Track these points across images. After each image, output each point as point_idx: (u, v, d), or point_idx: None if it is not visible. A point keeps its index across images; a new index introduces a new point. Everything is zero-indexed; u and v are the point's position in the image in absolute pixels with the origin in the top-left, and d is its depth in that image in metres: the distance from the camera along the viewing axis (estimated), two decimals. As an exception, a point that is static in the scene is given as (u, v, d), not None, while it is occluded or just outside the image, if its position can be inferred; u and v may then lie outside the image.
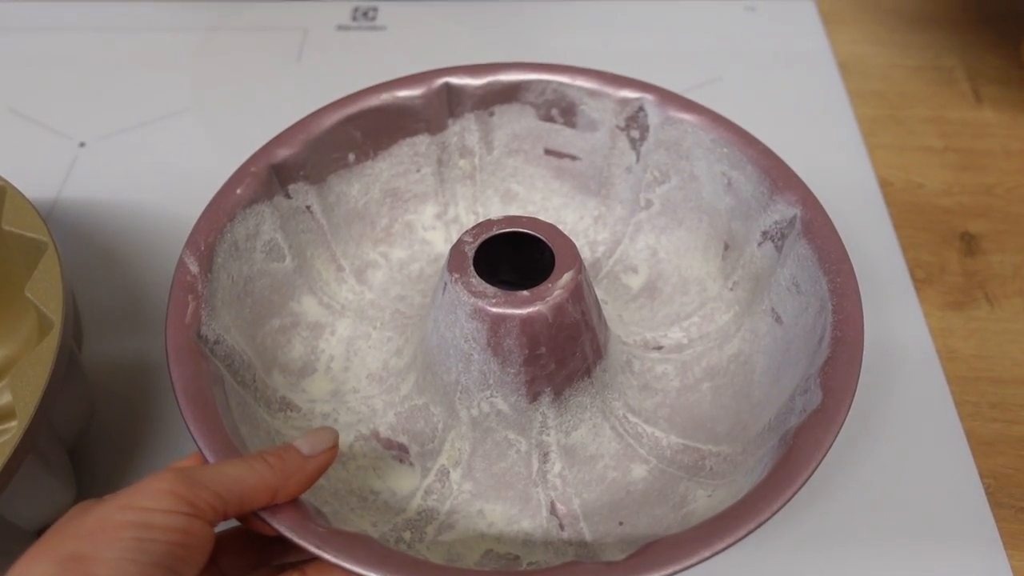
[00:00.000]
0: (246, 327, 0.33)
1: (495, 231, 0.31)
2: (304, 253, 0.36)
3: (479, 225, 0.31)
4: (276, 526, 0.25)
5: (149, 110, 0.48)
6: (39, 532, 0.31)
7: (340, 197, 0.37)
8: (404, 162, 0.38)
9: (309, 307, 0.36)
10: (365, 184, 0.38)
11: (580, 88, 0.37)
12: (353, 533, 0.25)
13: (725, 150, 0.35)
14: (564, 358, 0.30)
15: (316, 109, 0.35)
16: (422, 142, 0.38)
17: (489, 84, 0.37)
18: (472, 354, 0.30)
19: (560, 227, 0.32)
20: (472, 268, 0.30)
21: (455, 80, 0.37)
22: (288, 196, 0.35)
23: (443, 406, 0.32)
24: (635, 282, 0.38)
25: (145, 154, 0.47)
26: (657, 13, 0.55)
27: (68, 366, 0.28)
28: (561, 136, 0.39)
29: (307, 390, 0.34)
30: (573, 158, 0.39)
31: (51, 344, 0.27)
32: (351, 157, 0.37)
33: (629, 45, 0.52)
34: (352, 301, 0.37)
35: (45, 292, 0.29)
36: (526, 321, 0.29)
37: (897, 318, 0.40)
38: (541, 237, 0.31)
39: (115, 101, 0.49)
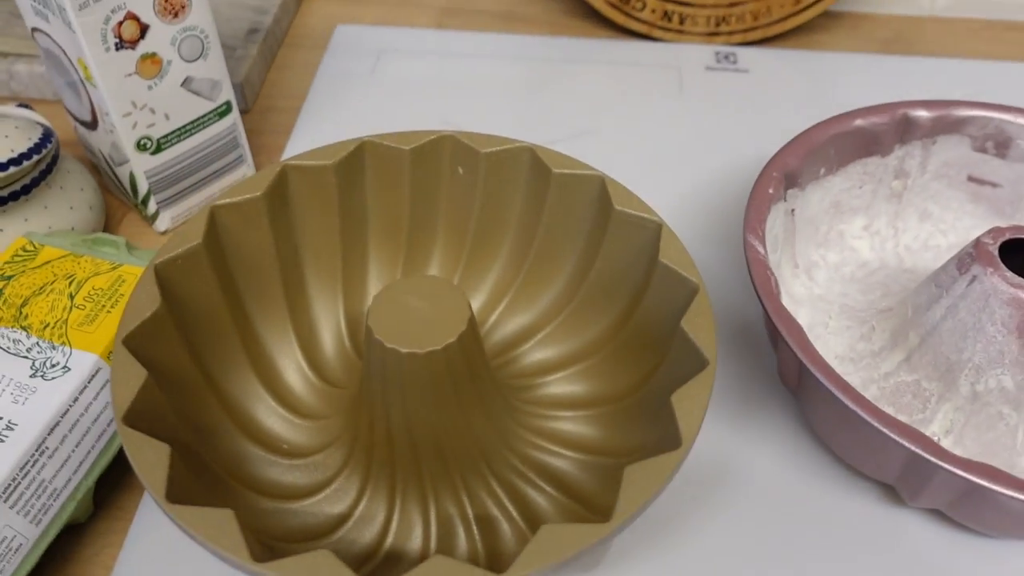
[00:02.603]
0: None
1: (1007, 236, 0.37)
2: (777, 248, 0.42)
3: (994, 230, 0.37)
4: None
5: (564, 128, 0.55)
6: None
7: (806, 204, 0.44)
8: (853, 179, 0.45)
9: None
10: (821, 195, 0.44)
11: (1022, 126, 0.43)
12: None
13: None
14: (1069, 346, 0.36)
15: (810, 126, 0.42)
16: (873, 163, 0.44)
17: (941, 117, 0.43)
18: (996, 336, 0.36)
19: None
20: (1002, 264, 0.36)
21: (913, 112, 0.43)
22: (785, 199, 0.42)
23: (941, 382, 0.38)
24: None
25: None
26: (986, 73, 0.61)
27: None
28: (988, 165, 0.45)
29: (798, 363, 0.40)
30: (994, 185, 0.45)
31: (708, 379, 0.29)
32: (822, 171, 0.43)
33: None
34: (805, 295, 0.43)
35: (698, 329, 0.31)
36: (1055, 310, 0.35)
37: None
38: (1047, 244, 0.37)
39: (534, 118, 0.56)
